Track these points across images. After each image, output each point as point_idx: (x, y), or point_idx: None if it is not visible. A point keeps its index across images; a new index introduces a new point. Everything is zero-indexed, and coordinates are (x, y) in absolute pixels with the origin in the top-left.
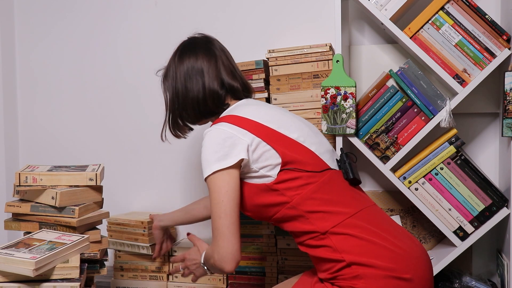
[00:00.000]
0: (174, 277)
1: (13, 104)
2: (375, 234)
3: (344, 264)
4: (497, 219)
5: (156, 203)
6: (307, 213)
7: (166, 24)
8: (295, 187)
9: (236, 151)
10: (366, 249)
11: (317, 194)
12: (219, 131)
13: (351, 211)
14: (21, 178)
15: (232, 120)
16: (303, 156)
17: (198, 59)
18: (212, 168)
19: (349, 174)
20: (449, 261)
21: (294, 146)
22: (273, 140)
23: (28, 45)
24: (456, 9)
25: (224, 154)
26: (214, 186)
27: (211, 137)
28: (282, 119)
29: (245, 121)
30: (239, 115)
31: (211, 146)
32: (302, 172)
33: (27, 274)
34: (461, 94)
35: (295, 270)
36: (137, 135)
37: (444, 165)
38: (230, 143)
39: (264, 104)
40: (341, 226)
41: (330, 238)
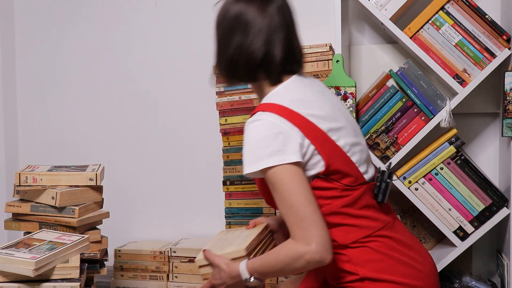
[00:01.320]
0: (174, 277)
1: (13, 104)
2: (396, 250)
3: (357, 277)
4: (497, 219)
5: (155, 203)
6: (331, 224)
7: (166, 24)
8: (327, 197)
9: (290, 149)
10: (385, 265)
11: (346, 209)
12: (269, 123)
13: (377, 225)
14: (21, 178)
15: (282, 112)
16: (345, 167)
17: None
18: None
19: (378, 197)
20: (449, 261)
21: (339, 156)
22: (323, 145)
23: (28, 45)
24: (456, 9)
25: (277, 149)
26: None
27: (260, 129)
28: (334, 117)
29: (297, 116)
30: (290, 108)
31: (261, 139)
32: (338, 184)
33: (27, 274)
34: (461, 94)
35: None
36: (137, 134)
37: (444, 165)
38: (283, 139)
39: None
40: (363, 240)
41: (348, 250)
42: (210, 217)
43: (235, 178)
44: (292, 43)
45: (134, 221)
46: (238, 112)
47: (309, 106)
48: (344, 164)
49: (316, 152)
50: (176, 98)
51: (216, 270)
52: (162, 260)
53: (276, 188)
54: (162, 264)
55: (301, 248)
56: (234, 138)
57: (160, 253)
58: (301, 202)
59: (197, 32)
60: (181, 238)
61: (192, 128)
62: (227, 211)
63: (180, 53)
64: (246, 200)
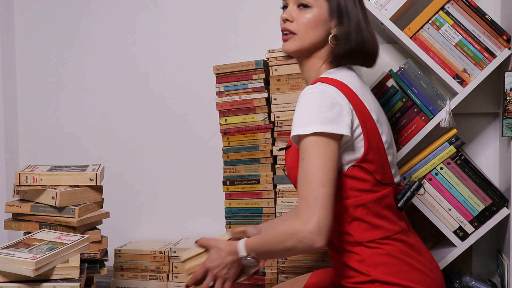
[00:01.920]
0: (174, 277)
1: (13, 104)
2: (410, 255)
3: (368, 279)
4: (497, 219)
5: (155, 203)
6: (352, 218)
7: (166, 24)
8: (358, 189)
9: (343, 122)
10: (397, 269)
11: (372, 205)
12: (329, 93)
13: (395, 229)
14: (21, 178)
15: (342, 88)
16: (380, 162)
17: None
18: (316, 128)
19: (400, 203)
20: (449, 261)
21: (379, 149)
22: (369, 133)
23: (28, 45)
24: (456, 9)
25: (332, 118)
26: (318, 149)
27: (318, 96)
28: (380, 113)
29: (354, 96)
30: (350, 87)
31: (317, 104)
32: (371, 177)
33: (27, 274)
34: (461, 94)
35: (295, 270)
36: (137, 134)
37: (444, 165)
38: (338, 110)
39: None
40: (379, 241)
41: (362, 249)
42: (210, 217)
43: (235, 178)
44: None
45: (134, 221)
46: (238, 112)
47: (363, 92)
48: (380, 158)
49: (361, 137)
50: (176, 98)
51: (214, 250)
52: (162, 260)
53: (307, 158)
54: (162, 264)
55: (298, 225)
56: (234, 138)
57: (160, 253)
58: (322, 181)
59: (197, 32)
60: (181, 238)
61: (192, 128)
62: (227, 211)
63: (180, 53)
64: (246, 200)
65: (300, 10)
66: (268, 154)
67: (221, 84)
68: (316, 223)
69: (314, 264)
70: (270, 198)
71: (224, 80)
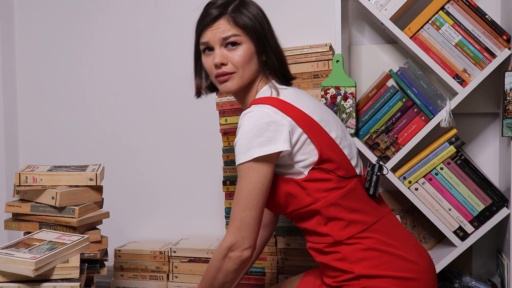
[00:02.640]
0: (174, 277)
1: (13, 104)
2: (391, 244)
3: (352, 276)
4: (497, 219)
5: (156, 203)
6: (327, 218)
7: (166, 24)
8: (323, 190)
9: (281, 138)
10: (380, 261)
11: (342, 201)
12: (262, 113)
13: (371, 220)
14: (21, 178)
15: (276, 103)
16: (338, 158)
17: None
18: (253, 153)
19: (370, 190)
20: (449, 261)
21: (331, 146)
22: (315, 134)
23: (28, 45)
24: (456, 9)
25: (267, 140)
26: (249, 176)
27: (253, 119)
28: (323, 113)
29: (290, 107)
30: (283, 99)
31: (252, 129)
32: (333, 175)
33: (27, 274)
34: (461, 94)
35: (295, 270)
36: (137, 134)
37: (444, 165)
38: (274, 128)
39: (302, 93)
40: (358, 236)
41: (342, 247)
42: (210, 217)
43: (235, 178)
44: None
45: (134, 221)
46: (238, 112)
47: (300, 99)
48: (336, 154)
49: (309, 141)
50: (176, 98)
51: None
52: (162, 260)
53: (240, 183)
54: (162, 264)
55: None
56: (234, 138)
57: (160, 253)
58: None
59: None
60: (181, 238)
61: (192, 128)
62: (227, 211)
63: (180, 53)
64: None
65: (230, 50)
66: None
67: None
68: (240, 241)
69: (314, 265)
70: None
71: None
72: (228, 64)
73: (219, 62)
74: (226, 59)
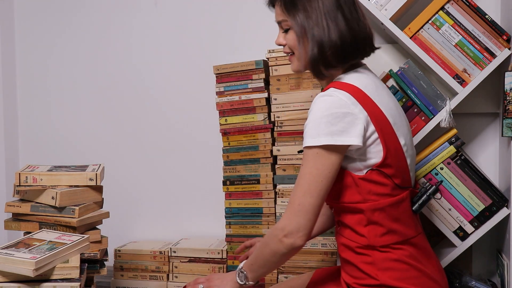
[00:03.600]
0: (174, 277)
1: (13, 104)
2: (421, 261)
3: (376, 283)
4: (497, 219)
5: (156, 203)
6: (369, 221)
7: (166, 24)
8: (376, 193)
9: (355, 132)
10: (407, 275)
11: (389, 209)
12: (340, 101)
13: (409, 234)
14: (21, 178)
15: (356, 94)
16: (399, 166)
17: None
18: (322, 140)
19: (415, 206)
20: (449, 261)
21: (397, 153)
22: (386, 135)
23: (28, 45)
24: (456, 9)
25: (340, 130)
26: (316, 161)
27: (330, 105)
28: (397, 115)
29: (369, 102)
30: (364, 91)
31: (328, 115)
32: (390, 181)
33: (27, 274)
34: (461, 94)
35: (295, 270)
36: (137, 134)
37: (444, 165)
38: (350, 120)
39: (383, 85)
40: (393, 246)
41: (374, 252)
42: (210, 217)
43: (235, 178)
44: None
45: (134, 221)
46: (238, 112)
47: (380, 95)
48: (399, 162)
49: (378, 141)
50: (176, 98)
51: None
52: (162, 260)
53: (305, 167)
54: (162, 264)
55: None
56: (234, 138)
57: (160, 253)
58: (311, 191)
59: (197, 32)
60: (181, 238)
61: (192, 128)
62: (227, 211)
63: (180, 53)
64: (246, 200)
65: (286, 34)
66: (268, 154)
67: (221, 84)
68: (295, 227)
69: (314, 265)
70: (270, 198)
71: (224, 80)
72: (286, 46)
73: (277, 43)
74: (283, 42)
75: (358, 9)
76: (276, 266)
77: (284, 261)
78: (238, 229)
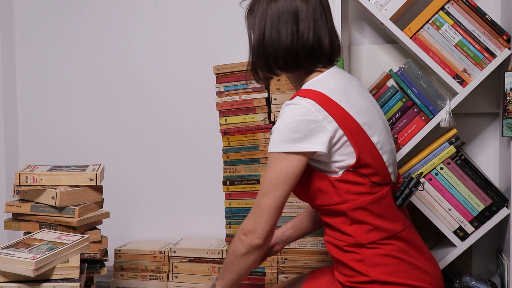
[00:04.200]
0: (174, 277)
1: (13, 104)
2: (410, 255)
3: (367, 279)
4: (497, 219)
5: (156, 203)
6: (353, 220)
7: (166, 24)
8: (355, 193)
9: (317, 139)
10: (398, 269)
11: (371, 206)
12: (305, 109)
13: (396, 228)
14: (21, 178)
15: (320, 100)
16: (375, 164)
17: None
18: (283, 147)
19: (398, 200)
20: (449, 261)
21: (371, 151)
22: (356, 137)
23: (28, 45)
24: (456, 9)
25: (301, 137)
26: (276, 165)
27: (294, 113)
28: (369, 113)
29: (335, 106)
30: (329, 96)
31: (291, 123)
32: (367, 180)
33: (27, 274)
34: (461, 94)
35: (295, 270)
36: (137, 134)
37: (444, 165)
38: (313, 127)
39: (354, 85)
40: (380, 242)
41: (362, 250)
42: (210, 217)
43: (235, 178)
44: (331, 30)
45: (134, 221)
46: (238, 112)
47: (347, 97)
48: (374, 160)
49: (348, 143)
50: (176, 98)
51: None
52: (162, 260)
53: (267, 171)
54: (162, 264)
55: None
56: (234, 138)
57: (160, 253)
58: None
59: (197, 32)
60: (181, 238)
61: (192, 128)
62: (227, 211)
63: (180, 53)
64: (246, 200)
65: None
66: None
67: (221, 84)
68: (252, 226)
69: (314, 265)
70: None
71: (224, 80)
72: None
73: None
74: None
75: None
76: (240, 272)
77: (246, 265)
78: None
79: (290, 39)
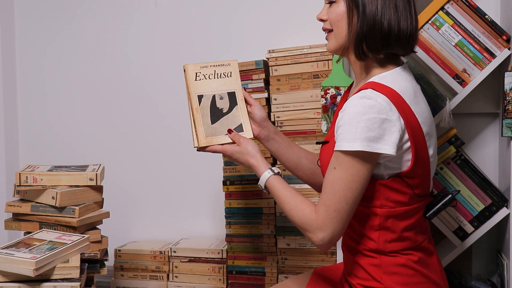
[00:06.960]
0: (174, 277)
1: (13, 104)
2: (428, 267)
3: (380, 286)
4: (497, 219)
5: (155, 203)
6: (380, 226)
7: (166, 24)
8: (393, 201)
9: (390, 140)
10: (413, 280)
11: (404, 217)
12: (380, 107)
13: (419, 240)
14: (21, 178)
15: (395, 99)
16: (423, 176)
17: None
18: (357, 145)
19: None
20: (449, 261)
21: (424, 163)
22: (418, 147)
23: (28, 45)
24: (456, 9)
25: (377, 136)
26: (352, 167)
27: (369, 108)
28: (430, 122)
29: (407, 109)
30: (403, 97)
31: (365, 120)
32: (410, 191)
33: (27, 274)
34: (461, 94)
35: (295, 270)
36: (137, 134)
37: (444, 165)
38: (386, 127)
39: (419, 91)
40: (401, 251)
41: (382, 256)
42: (210, 217)
43: (235, 178)
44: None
45: (134, 221)
46: None
47: (417, 102)
48: (424, 172)
49: (409, 151)
50: (176, 98)
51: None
52: (162, 260)
53: (340, 171)
54: (162, 264)
55: (314, 225)
56: None
57: (160, 253)
58: (347, 198)
59: (197, 32)
60: (181, 238)
61: None
62: (227, 211)
63: (180, 53)
64: (246, 200)
65: (330, 7)
66: (268, 154)
67: None
68: (329, 234)
69: (314, 265)
70: (270, 198)
71: None
72: (327, 21)
73: (319, 18)
74: (325, 16)
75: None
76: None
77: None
78: (238, 229)
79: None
